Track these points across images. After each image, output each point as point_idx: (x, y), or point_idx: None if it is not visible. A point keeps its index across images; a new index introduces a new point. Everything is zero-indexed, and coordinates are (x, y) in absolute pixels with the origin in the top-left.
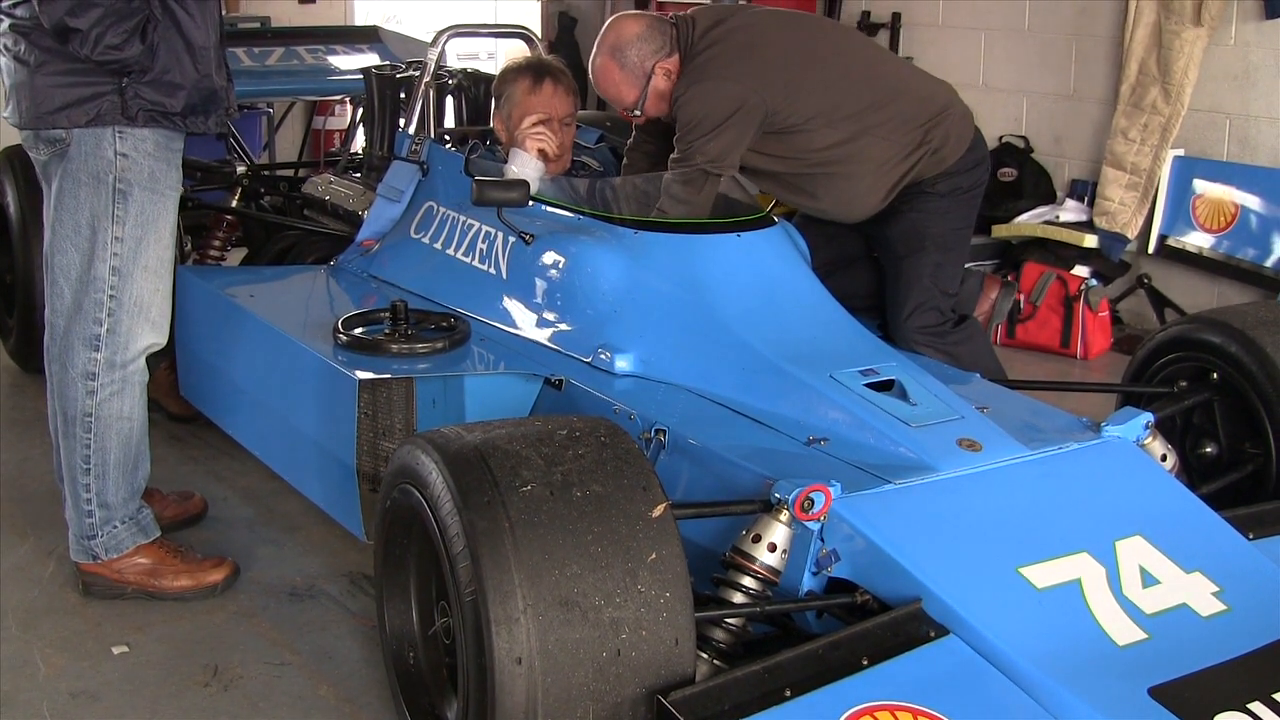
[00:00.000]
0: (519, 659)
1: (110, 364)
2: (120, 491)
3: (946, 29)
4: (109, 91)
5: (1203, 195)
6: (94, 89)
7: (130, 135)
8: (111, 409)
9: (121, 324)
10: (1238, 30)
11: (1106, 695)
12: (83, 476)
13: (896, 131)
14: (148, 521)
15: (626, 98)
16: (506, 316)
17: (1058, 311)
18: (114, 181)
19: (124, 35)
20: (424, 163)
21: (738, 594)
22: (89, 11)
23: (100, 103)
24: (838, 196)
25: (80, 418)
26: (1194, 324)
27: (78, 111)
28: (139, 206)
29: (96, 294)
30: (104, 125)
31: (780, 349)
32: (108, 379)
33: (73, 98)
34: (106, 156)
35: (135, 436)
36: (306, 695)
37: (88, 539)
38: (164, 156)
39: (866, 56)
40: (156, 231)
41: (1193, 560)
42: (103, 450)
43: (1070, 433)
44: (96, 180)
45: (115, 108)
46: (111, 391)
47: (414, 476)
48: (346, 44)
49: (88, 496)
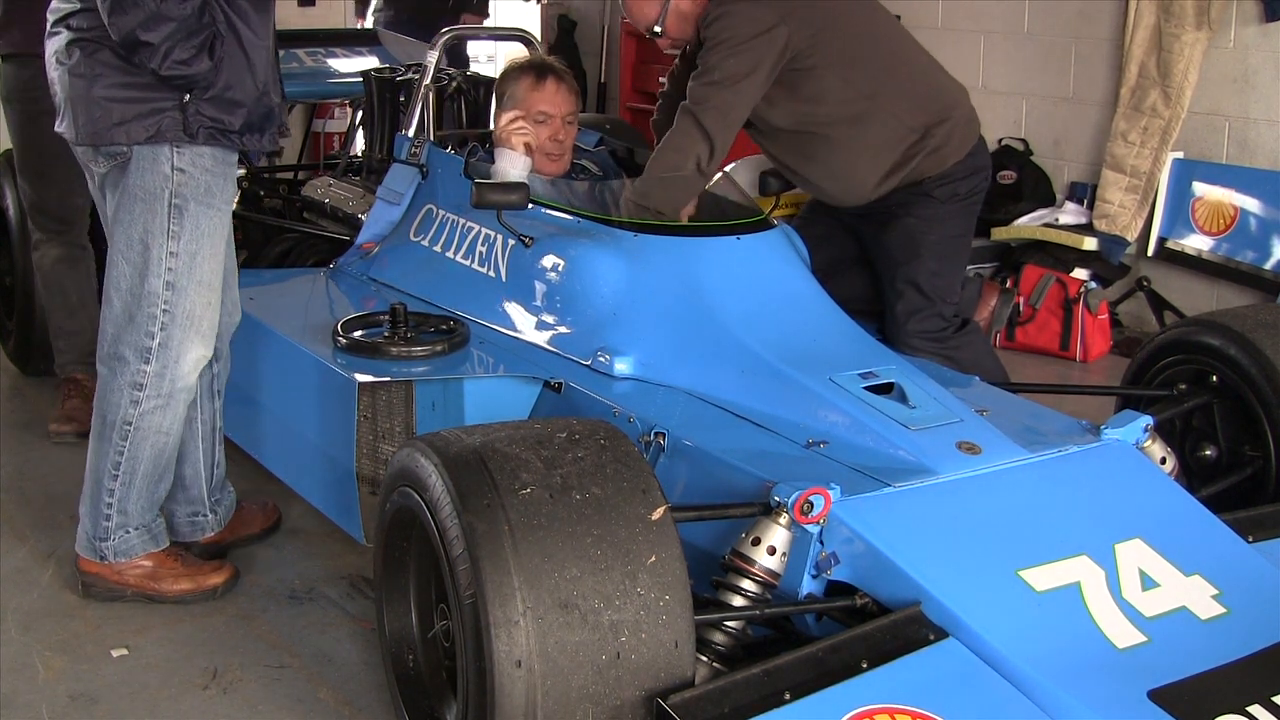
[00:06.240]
0: (518, 661)
1: (160, 377)
2: (141, 501)
3: (946, 31)
4: (170, 108)
5: (1202, 198)
6: (154, 105)
7: (189, 151)
8: (152, 422)
9: (174, 338)
10: (1237, 33)
11: (1106, 698)
12: (109, 481)
13: (903, 113)
14: (160, 530)
15: (648, 14)
16: (506, 319)
17: (1057, 314)
18: (170, 197)
19: (192, 51)
20: (423, 165)
21: (737, 597)
22: (161, 26)
23: (161, 119)
24: (832, 168)
25: (119, 424)
26: (1193, 326)
27: (138, 127)
28: (194, 222)
29: (150, 308)
30: (163, 142)
31: (779, 352)
32: (154, 391)
33: (132, 113)
34: (164, 172)
35: (168, 451)
36: (306, 698)
37: (99, 540)
38: (220, 171)
39: (895, 34)
40: (211, 246)
41: (1192, 563)
42: (134, 460)
43: (1070, 435)
44: (152, 196)
45: (176, 124)
46: (156, 404)
47: (413, 479)
48: (346, 47)
49: (109, 501)
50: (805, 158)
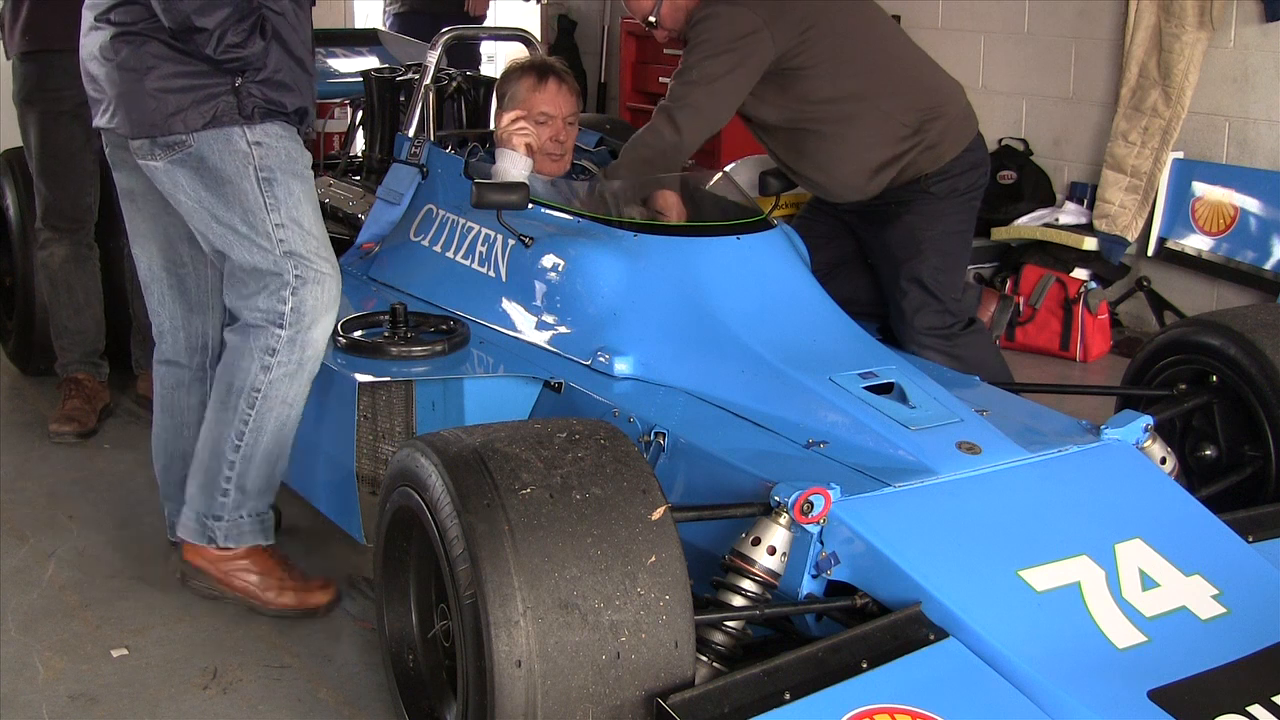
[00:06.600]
0: (518, 662)
1: (292, 342)
2: (259, 480)
3: (946, 31)
4: (223, 92)
5: (1202, 198)
6: (208, 91)
7: (256, 127)
8: (281, 390)
9: (305, 303)
10: (1237, 33)
11: (1106, 698)
12: (230, 453)
13: (895, 110)
14: (269, 524)
15: (644, 5)
16: (506, 319)
17: (1057, 314)
18: (254, 171)
19: (244, 33)
20: (423, 165)
21: (737, 597)
22: (216, 10)
23: (216, 104)
24: (825, 163)
25: (247, 391)
26: (1193, 326)
27: (194, 114)
28: (285, 189)
29: (282, 276)
30: (223, 125)
31: (780, 352)
32: (287, 356)
33: (187, 101)
34: (241, 149)
35: (289, 428)
36: (306, 698)
37: (213, 519)
38: (291, 137)
39: (887, 34)
40: (313, 210)
41: (1192, 563)
42: (258, 431)
43: (1070, 435)
44: (239, 175)
45: (231, 107)
46: (287, 371)
47: (413, 479)
48: (346, 47)
49: (228, 475)
50: (798, 153)
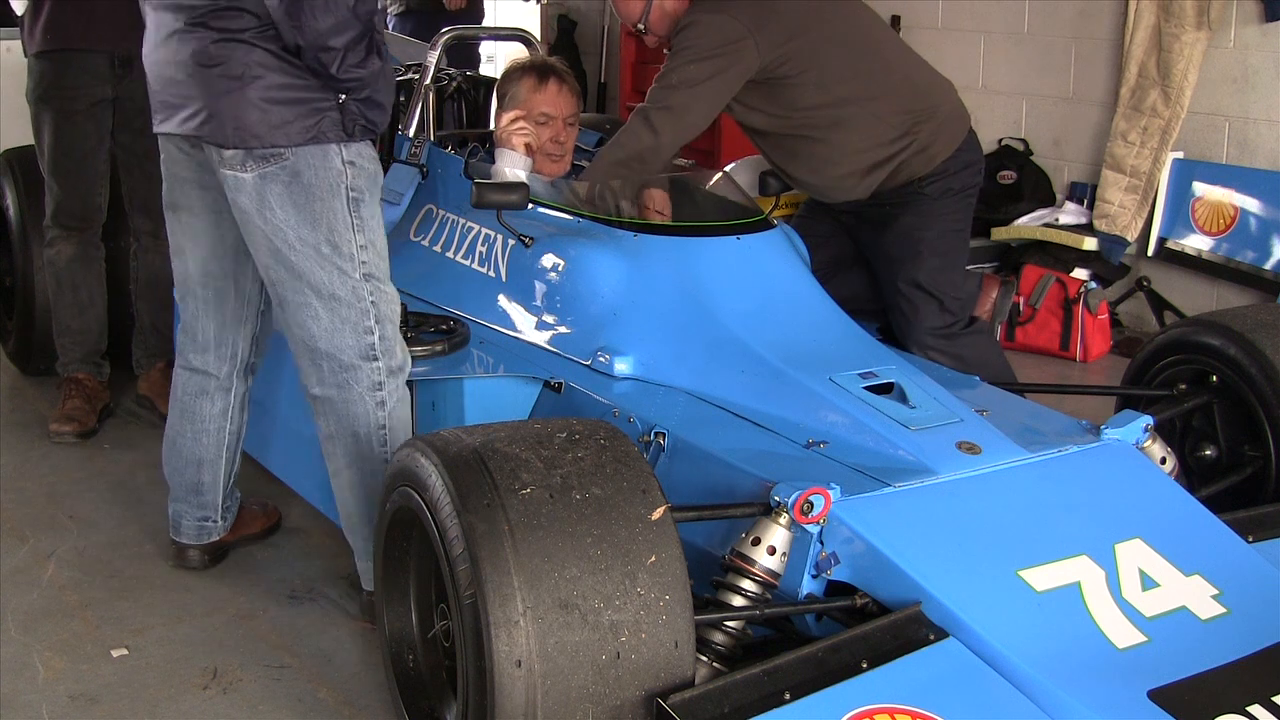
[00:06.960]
0: (518, 661)
1: (390, 370)
2: None
3: (946, 31)
4: (329, 108)
5: (1202, 198)
6: (314, 105)
7: (352, 145)
8: (399, 417)
9: (387, 330)
10: (1237, 33)
11: (1106, 698)
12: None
13: (886, 113)
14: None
15: (633, 11)
16: (506, 319)
17: (1057, 314)
18: (346, 190)
19: (362, 53)
20: (423, 166)
21: (737, 597)
22: (348, 30)
23: (321, 119)
24: (816, 164)
25: (375, 432)
26: (1193, 326)
27: (298, 129)
28: (370, 210)
29: (360, 304)
30: (323, 142)
31: (780, 351)
32: (393, 385)
33: (293, 115)
34: (335, 167)
35: None
36: (306, 698)
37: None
38: (376, 160)
39: (876, 36)
40: (383, 230)
41: (1192, 563)
42: None
43: (1069, 435)
44: (330, 193)
45: (335, 124)
46: (399, 398)
47: (413, 479)
48: None
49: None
50: (789, 155)
